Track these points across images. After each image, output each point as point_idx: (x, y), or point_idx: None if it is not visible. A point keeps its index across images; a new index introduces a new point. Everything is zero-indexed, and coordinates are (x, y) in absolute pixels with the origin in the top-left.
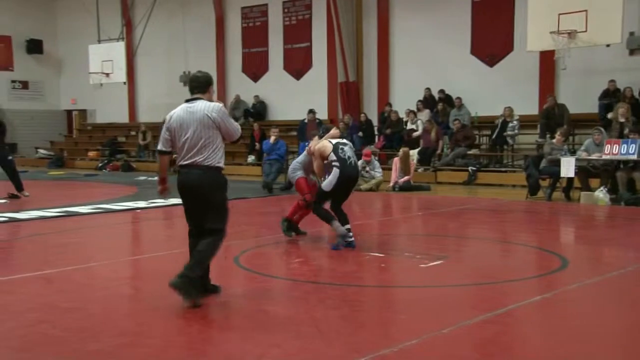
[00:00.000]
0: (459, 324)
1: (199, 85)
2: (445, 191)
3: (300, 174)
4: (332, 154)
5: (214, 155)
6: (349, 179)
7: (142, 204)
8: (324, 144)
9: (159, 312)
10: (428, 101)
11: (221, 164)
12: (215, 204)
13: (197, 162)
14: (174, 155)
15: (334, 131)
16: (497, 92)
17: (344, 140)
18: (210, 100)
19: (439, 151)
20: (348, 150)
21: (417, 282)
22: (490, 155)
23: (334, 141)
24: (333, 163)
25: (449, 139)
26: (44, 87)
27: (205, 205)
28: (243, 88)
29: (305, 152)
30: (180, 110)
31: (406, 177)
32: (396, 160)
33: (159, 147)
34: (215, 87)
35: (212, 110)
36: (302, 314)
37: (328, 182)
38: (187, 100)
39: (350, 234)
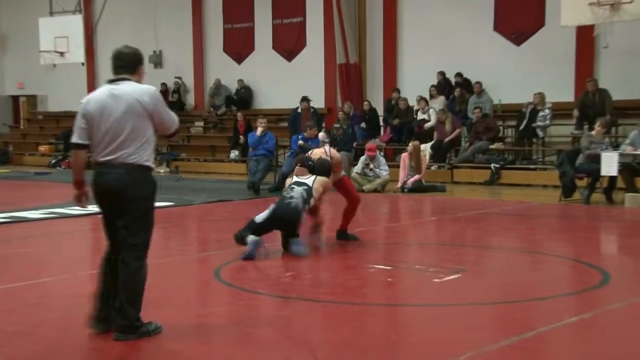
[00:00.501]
0: (479, 350)
1: (125, 65)
2: (463, 192)
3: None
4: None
5: (141, 151)
6: (279, 220)
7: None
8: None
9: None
10: (443, 86)
11: (150, 163)
12: (138, 213)
13: (120, 159)
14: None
15: (312, 152)
16: (524, 75)
17: (303, 180)
18: (140, 82)
19: (455, 145)
20: (296, 191)
21: (430, 299)
22: (516, 150)
23: (295, 179)
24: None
25: (468, 131)
26: None
27: (126, 215)
28: (224, 71)
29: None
30: (100, 93)
31: (417, 176)
32: (404, 156)
33: (73, 139)
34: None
35: (143, 94)
36: (295, 337)
37: (260, 216)
38: (110, 81)
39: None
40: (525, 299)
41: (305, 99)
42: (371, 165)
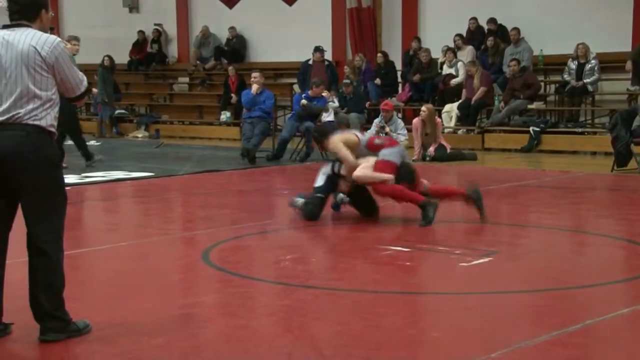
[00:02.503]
0: (514, 346)
1: (22, 9)
2: (496, 161)
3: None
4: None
5: (43, 111)
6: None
7: (72, 178)
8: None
9: (96, 328)
10: (475, 35)
11: (54, 129)
12: (43, 191)
13: (15, 119)
14: None
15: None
16: (571, 21)
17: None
18: (45, 31)
19: (487, 105)
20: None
21: (456, 287)
22: (560, 111)
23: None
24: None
25: (502, 88)
26: None
27: (24, 193)
28: (213, 17)
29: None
30: None
31: (436, 144)
32: (416, 122)
33: None
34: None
35: (43, 44)
36: (296, 330)
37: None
38: (5, 27)
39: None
40: (569, 286)
41: (318, 49)
42: (387, 128)
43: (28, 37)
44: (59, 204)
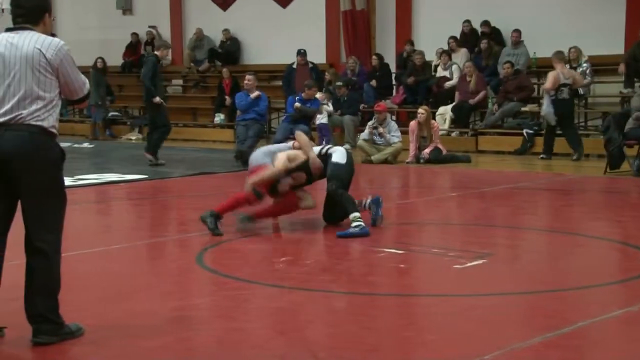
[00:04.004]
0: (507, 348)
1: (27, 13)
2: (489, 163)
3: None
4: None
5: (46, 113)
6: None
7: (65, 181)
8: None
9: (89, 331)
10: (468, 37)
11: (56, 130)
12: (45, 191)
13: (18, 120)
14: None
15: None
16: (565, 24)
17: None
18: (47, 34)
19: (475, 100)
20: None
21: (449, 289)
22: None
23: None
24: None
25: (496, 91)
26: None
27: (34, 190)
28: (207, 19)
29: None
30: None
31: (431, 146)
32: (413, 125)
33: None
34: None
35: (48, 47)
36: (290, 332)
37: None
38: (9, 30)
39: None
40: (563, 288)
41: (299, 52)
42: (380, 129)
43: (32, 40)
44: (60, 204)
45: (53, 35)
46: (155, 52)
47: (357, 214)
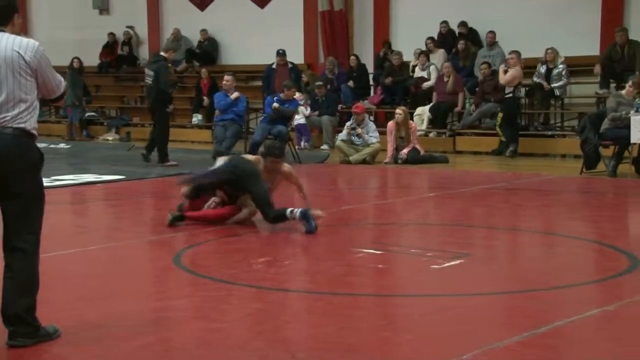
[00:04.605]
0: (485, 347)
1: None
2: (467, 164)
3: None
4: None
5: (27, 115)
6: None
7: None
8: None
9: (65, 332)
10: (446, 38)
11: (36, 130)
12: (31, 186)
13: (2, 123)
14: None
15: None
16: (542, 24)
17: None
18: (17, 35)
19: (458, 108)
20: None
21: (427, 289)
22: (530, 114)
23: None
24: None
25: (472, 92)
26: None
27: (17, 192)
28: (184, 19)
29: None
30: None
31: (409, 146)
32: (391, 125)
33: None
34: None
35: (26, 49)
36: (269, 333)
37: None
38: None
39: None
40: (540, 288)
41: (279, 53)
42: (359, 130)
43: (9, 42)
44: (40, 205)
45: (22, 35)
46: (162, 54)
47: (288, 211)
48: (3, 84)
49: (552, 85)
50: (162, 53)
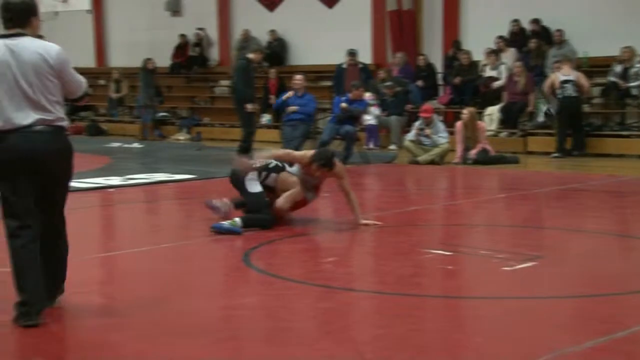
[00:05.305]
0: (558, 352)
1: (15, 17)
2: (538, 165)
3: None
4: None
5: (59, 113)
6: None
7: (115, 180)
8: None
9: (139, 328)
10: (517, 37)
11: (66, 124)
12: (65, 180)
13: (41, 122)
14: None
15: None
16: (617, 21)
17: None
18: (36, 37)
19: (530, 108)
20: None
21: (498, 291)
22: (606, 114)
23: None
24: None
25: (545, 91)
26: None
27: (57, 185)
28: (254, 20)
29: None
30: None
31: (479, 147)
32: (459, 125)
33: None
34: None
35: (49, 52)
36: (338, 333)
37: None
38: (4, 36)
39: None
40: (616, 292)
41: (350, 53)
42: (427, 131)
43: (33, 47)
44: (66, 195)
45: (40, 37)
46: (248, 55)
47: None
48: (37, 85)
49: (629, 84)
50: (249, 55)
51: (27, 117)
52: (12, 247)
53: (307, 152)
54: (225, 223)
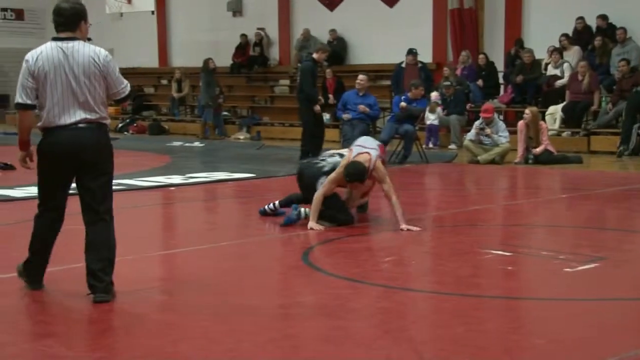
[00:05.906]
0: (622, 356)
1: (66, 21)
2: (602, 164)
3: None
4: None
5: (103, 112)
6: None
7: (177, 179)
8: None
9: (201, 323)
10: (581, 35)
11: (109, 122)
12: (109, 172)
13: (90, 119)
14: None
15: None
16: None
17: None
18: (84, 40)
19: (594, 107)
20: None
21: (560, 292)
22: None
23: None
24: None
25: (608, 90)
26: (45, 17)
27: (99, 176)
28: (314, 19)
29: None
30: (50, 51)
31: (541, 147)
32: (521, 125)
33: (19, 99)
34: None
35: (98, 55)
36: (396, 332)
37: None
38: (57, 39)
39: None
40: None
41: (411, 52)
42: (487, 131)
43: (85, 50)
44: (111, 187)
45: (89, 40)
46: (313, 55)
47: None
48: (86, 85)
49: None
50: (313, 54)
51: (74, 116)
52: (35, 225)
53: (340, 170)
54: (291, 215)
